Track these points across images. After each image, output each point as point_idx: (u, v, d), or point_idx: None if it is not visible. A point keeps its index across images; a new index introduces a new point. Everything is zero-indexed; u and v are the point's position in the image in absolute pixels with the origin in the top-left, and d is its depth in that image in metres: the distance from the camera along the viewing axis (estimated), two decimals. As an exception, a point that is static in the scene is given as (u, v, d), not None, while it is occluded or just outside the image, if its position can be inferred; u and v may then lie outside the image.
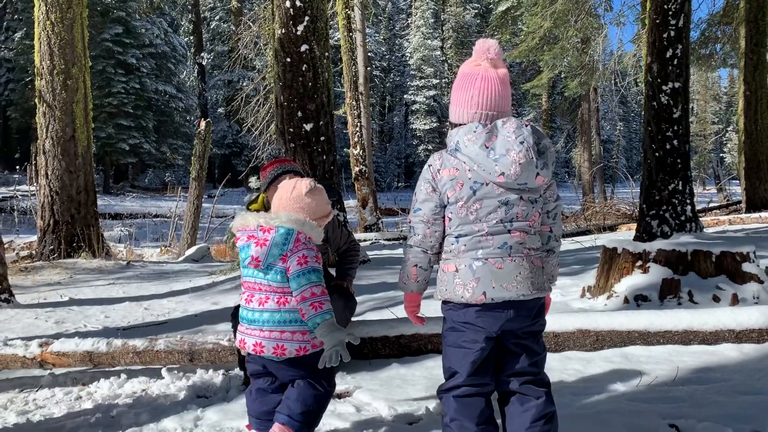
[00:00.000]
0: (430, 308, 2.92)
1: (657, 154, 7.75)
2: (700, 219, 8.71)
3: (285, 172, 3.35)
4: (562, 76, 23.37)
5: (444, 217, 2.17)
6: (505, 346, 2.19)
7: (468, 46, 49.75)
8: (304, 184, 2.47)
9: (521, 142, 2.07)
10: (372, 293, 5.85)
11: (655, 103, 7.80)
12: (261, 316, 2.38)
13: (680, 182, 7.72)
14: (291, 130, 7.61)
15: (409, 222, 2.24)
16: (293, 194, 2.45)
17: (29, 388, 3.63)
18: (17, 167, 23.57)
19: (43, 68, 9.47)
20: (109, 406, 3.19)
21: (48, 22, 9.39)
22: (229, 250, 10.97)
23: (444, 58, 52.43)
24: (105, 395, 3.34)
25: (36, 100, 9.74)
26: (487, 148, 2.08)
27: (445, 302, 2.21)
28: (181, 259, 10.78)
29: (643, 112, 8.32)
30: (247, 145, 34.20)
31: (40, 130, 9.65)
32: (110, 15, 31.91)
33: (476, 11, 54.06)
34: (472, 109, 2.15)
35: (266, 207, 3.42)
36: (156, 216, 22.45)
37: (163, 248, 13.18)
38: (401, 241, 12.88)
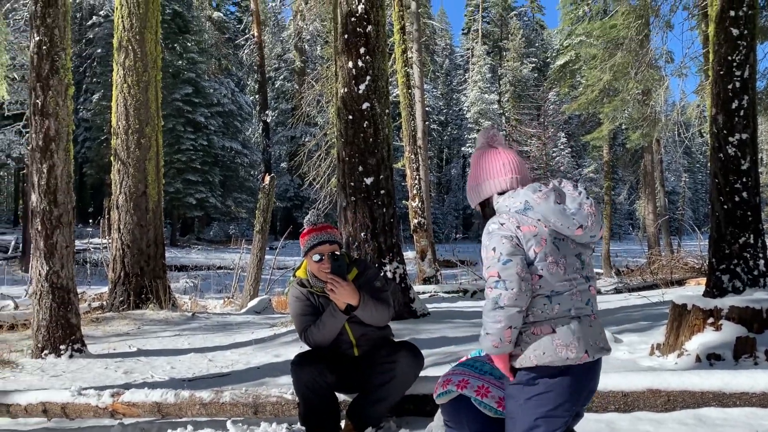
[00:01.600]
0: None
1: (725, 206, 7.52)
2: (775, 274, 8.32)
3: (321, 242, 3.41)
4: (623, 127, 23.08)
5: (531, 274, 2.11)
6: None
7: (525, 99, 49.93)
8: None
9: (586, 198, 2.14)
10: (433, 347, 5.80)
11: (721, 154, 7.61)
12: None
13: (751, 235, 7.44)
14: (352, 183, 7.77)
15: (494, 276, 2.08)
16: None
17: (100, 437, 3.74)
18: (90, 221, 24.66)
19: (119, 128, 10.03)
20: (176, 457, 3.25)
21: (125, 85, 9.98)
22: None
23: (501, 111, 52.73)
24: (172, 446, 3.41)
25: (111, 158, 10.28)
26: (559, 203, 2.12)
27: (530, 369, 2.11)
28: (243, 310, 10.97)
29: (708, 164, 8.13)
30: (308, 198, 34.95)
31: (114, 186, 10.14)
32: (181, 76, 33.61)
33: (533, 65, 54.45)
34: (508, 175, 2.23)
35: (308, 273, 3.50)
36: (219, 268, 23.03)
37: (226, 300, 13.45)
38: (460, 293, 12.73)
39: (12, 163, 34.42)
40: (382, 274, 3.65)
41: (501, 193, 2.22)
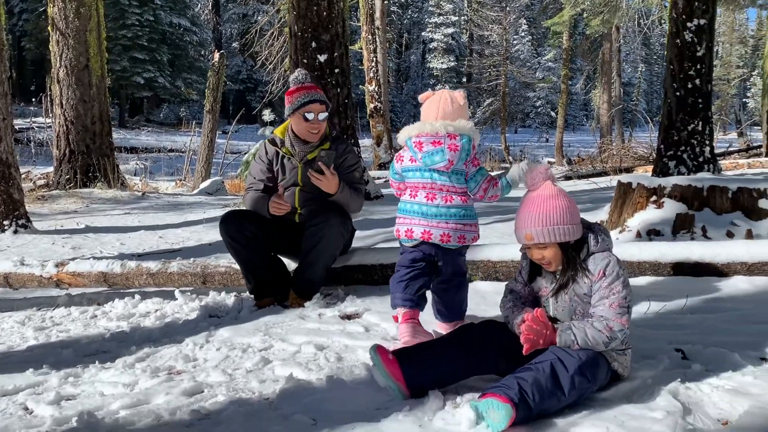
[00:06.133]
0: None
1: (678, 93, 7.58)
2: (719, 162, 8.57)
3: (312, 101, 3.29)
4: (584, 15, 22.69)
5: None
6: None
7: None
8: (459, 94, 2.71)
9: None
10: (384, 227, 5.86)
11: (678, 40, 7.58)
12: (448, 211, 2.63)
13: (700, 123, 7.57)
14: (305, 61, 7.50)
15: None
16: (455, 105, 2.67)
17: (46, 306, 3.72)
18: (33, 99, 23.54)
19: (55, -6, 9.34)
20: (123, 323, 3.26)
21: (59, -53, 9.20)
22: (243, 182, 10.98)
23: (464, -6, 51.03)
24: (120, 314, 3.42)
25: (49, 28, 9.64)
26: None
27: None
28: (195, 191, 10.85)
29: (665, 52, 8.10)
30: (261, 80, 33.90)
31: (54, 59, 9.59)
32: (123, -57, 31.26)
33: (498, -55, 52.16)
34: None
35: (287, 134, 3.39)
36: (171, 151, 22.53)
37: (177, 182, 13.26)
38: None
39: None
40: (357, 163, 3.54)
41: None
